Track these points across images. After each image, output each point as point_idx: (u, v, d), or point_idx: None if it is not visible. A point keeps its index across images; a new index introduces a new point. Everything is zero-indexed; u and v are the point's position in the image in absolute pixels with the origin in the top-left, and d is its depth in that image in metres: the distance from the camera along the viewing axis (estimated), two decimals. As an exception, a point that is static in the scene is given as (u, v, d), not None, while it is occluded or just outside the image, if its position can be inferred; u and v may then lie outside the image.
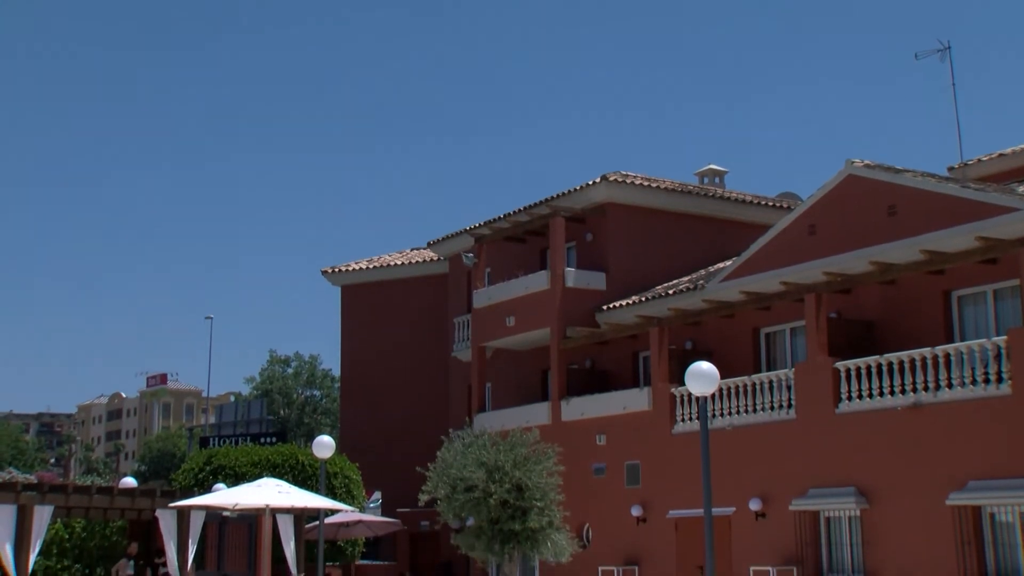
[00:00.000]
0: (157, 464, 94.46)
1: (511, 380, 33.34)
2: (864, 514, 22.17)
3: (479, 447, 19.78)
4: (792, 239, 24.61)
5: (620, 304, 29.40)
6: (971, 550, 20.18)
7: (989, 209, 20.95)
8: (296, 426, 76.28)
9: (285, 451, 32.45)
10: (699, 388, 17.38)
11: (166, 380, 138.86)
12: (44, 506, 19.98)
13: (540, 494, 19.31)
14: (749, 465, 24.37)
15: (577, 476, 26.60)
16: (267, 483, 22.60)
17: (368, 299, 39.53)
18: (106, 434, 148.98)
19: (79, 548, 27.80)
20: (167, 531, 22.43)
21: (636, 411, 27.42)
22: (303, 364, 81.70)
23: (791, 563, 23.18)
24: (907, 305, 23.57)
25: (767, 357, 26.88)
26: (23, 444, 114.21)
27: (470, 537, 19.63)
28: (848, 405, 22.65)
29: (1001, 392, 20.09)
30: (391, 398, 38.07)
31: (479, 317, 32.68)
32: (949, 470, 20.63)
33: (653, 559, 26.49)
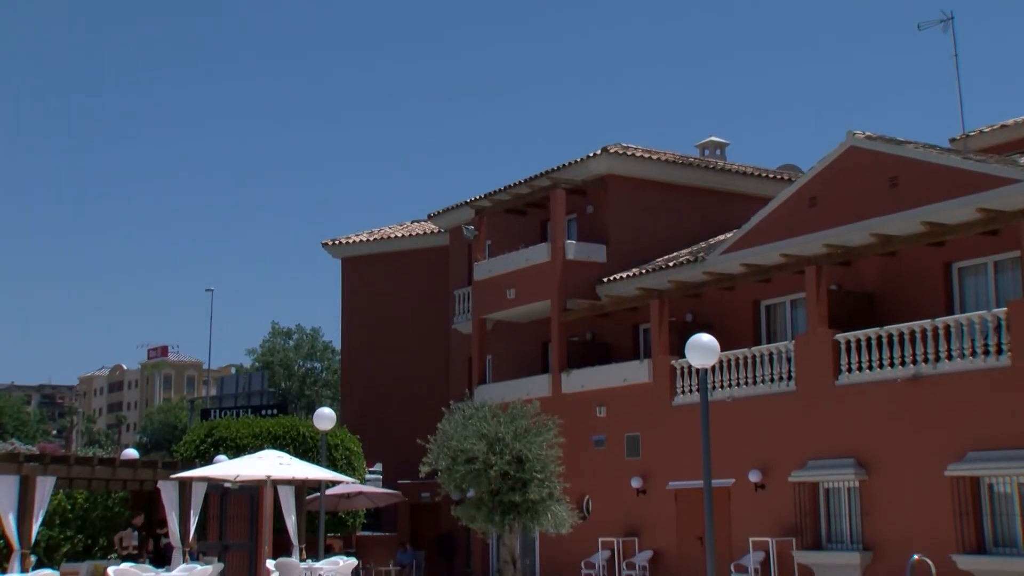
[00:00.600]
0: (158, 436, 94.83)
1: (511, 352, 33.40)
2: (863, 485, 22.26)
3: (479, 419, 19.82)
4: (793, 211, 24.59)
5: (620, 276, 29.41)
6: (969, 520, 20.28)
7: (990, 181, 20.91)
8: (297, 398, 76.50)
9: (286, 423, 32.55)
10: (699, 360, 17.42)
11: (167, 352, 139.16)
12: (46, 477, 20.07)
13: (540, 466, 19.36)
14: (749, 437, 24.45)
15: (577, 448, 26.69)
16: (268, 455, 22.68)
17: (369, 271, 39.54)
18: (107, 406, 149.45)
19: (81, 519, 27.91)
20: (169, 502, 22.53)
21: (636, 383, 27.48)
22: (304, 336, 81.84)
23: (790, 534, 23.30)
24: (907, 277, 23.57)
25: (767, 329, 26.92)
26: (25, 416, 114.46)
27: (470, 508, 19.70)
28: (848, 377, 22.70)
29: (1001, 364, 20.13)
30: (392, 370, 38.15)
31: (480, 289, 32.70)
32: (948, 441, 20.70)
33: (653, 530, 26.63)
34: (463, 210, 34.61)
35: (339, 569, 22.46)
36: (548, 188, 30.66)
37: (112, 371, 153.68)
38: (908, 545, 19.75)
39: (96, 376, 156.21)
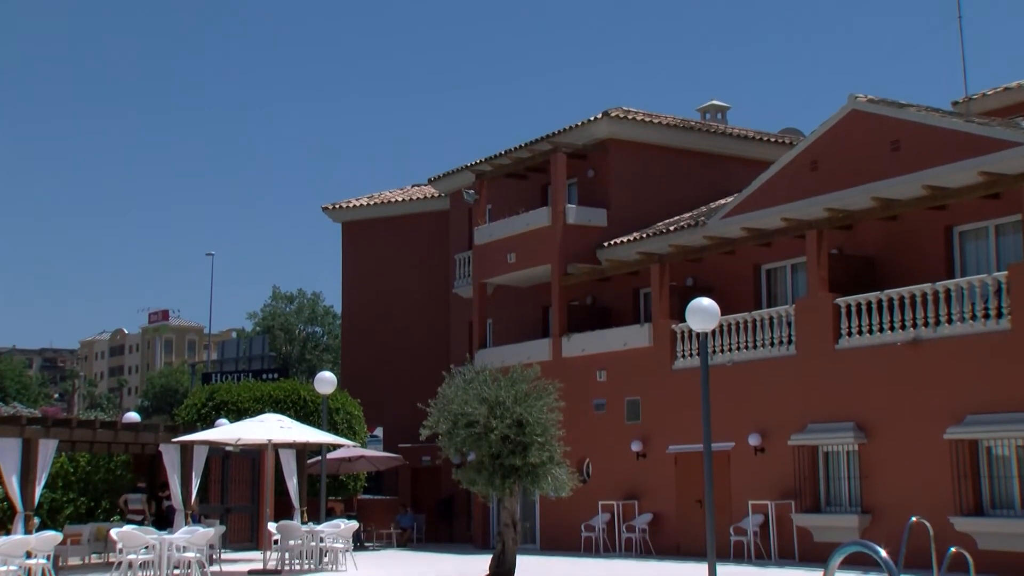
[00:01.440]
0: (160, 400, 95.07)
1: (512, 317, 33.42)
2: (862, 448, 22.34)
3: (480, 383, 19.80)
4: (794, 175, 24.52)
5: (621, 241, 29.38)
6: (967, 483, 20.37)
7: (992, 144, 20.84)
8: (298, 362, 76.65)
9: (287, 387, 32.64)
10: (700, 324, 17.42)
11: (168, 316, 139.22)
12: (49, 440, 20.15)
13: (541, 429, 19.37)
14: (749, 401, 24.51)
15: (578, 412, 26.77)
16: (269, 418, 22.75)
17: (369, 236, 39.49)
18: (108, 370, 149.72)
19: (84, 481, 28.09)
20: (171, 465, 22.63)
21: (636, 347, 27.52)
22: (305, 301, 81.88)
23: (789, 497, 23.41)
24: (908, 241, 23.54)
25: (768, 293, 26.92)
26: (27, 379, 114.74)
27: (471, 472, 19.72)
28: (848, 341, 22.72)
29: (1001, 327, 20.14)
30: (392, 334, 38.18)
31: (480, 254, 32.67)
32: (947, 405, 20.75)
33: (653, 493, 26.75)
34: (464, 174, 34.51)
35: (340, 531, 22.59)
36: (549, 152, 30.56)
37: (113, 335, 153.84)
38: (906, 508, 19.84)
39: (97, 340, 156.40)
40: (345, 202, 40.06)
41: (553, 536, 29.06)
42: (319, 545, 22.35)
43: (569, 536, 28.11)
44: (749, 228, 25.66)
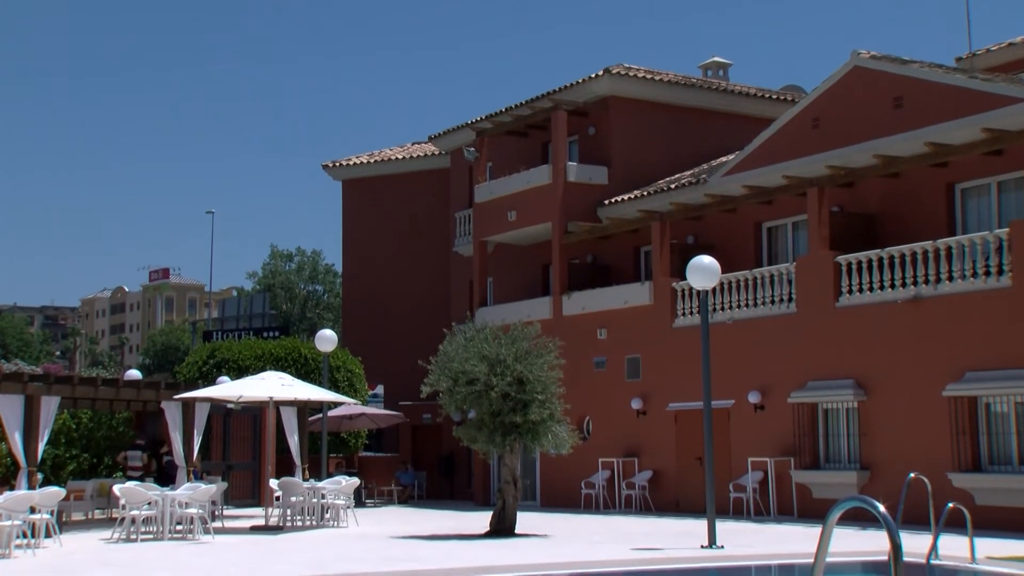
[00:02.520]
0: (161, 358, 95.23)
1: (513, 275, 33.41)
2: (861, 406, 22.40)
3: (481, 341, 19.83)
4: (795, 133, 24.41)
5: (622, 198, 29.30)
6: (965, 439, 20.45)
7: (996, 100, 20.72)
8: (299, 321, 76.69)
9: (288, 345, 32.69)
10: (700, 282, 17.44)
11: (168, 275, 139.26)
12: (51, 397, 20.21)
13: (541, 387, 19.43)
14: (749, 358, 24.55)
15: (578, 370, 26.82)
16: (270, 376, 22.80)
17: (369, 194, 39.38)
18: (110, 328, 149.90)
19: (86, 438, 28.22)
20: (172, 422, 22.71)
21: (637, 305, 27.53)
22: (305, 259, 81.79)
23: (788, 454, 23.51)
24: (910, 198, 23.48)
25: (768, 251, 26.88)
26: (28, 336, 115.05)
27: (472, 429, 19.81)
28: (848, 299, 22.72)
29: (1001, 284, 20.12)
30: (393, 293, 38.19)
31: (480, 212, 32.60)
32: (947, 362, 20.79)
33: (652, 451, 26.87)
34: (464, 132, 34.36)
35: (342, 488, 22.71)
36: (550, 109, 30.41)
37: (114, 293, 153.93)
38: (905, 464, 19.92)
39: (98, 298, 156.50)
40: (345, 160, 39.92)
41: (553, 493, 29.22)
42: (320, 502, 22.47)
43: (569, 493, 28.26)
44: (750, 186, 25.59)
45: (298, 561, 15.11)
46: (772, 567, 14.45)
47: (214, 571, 13.84)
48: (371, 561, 15.09)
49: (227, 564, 14.68)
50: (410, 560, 15.24)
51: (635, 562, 15.07)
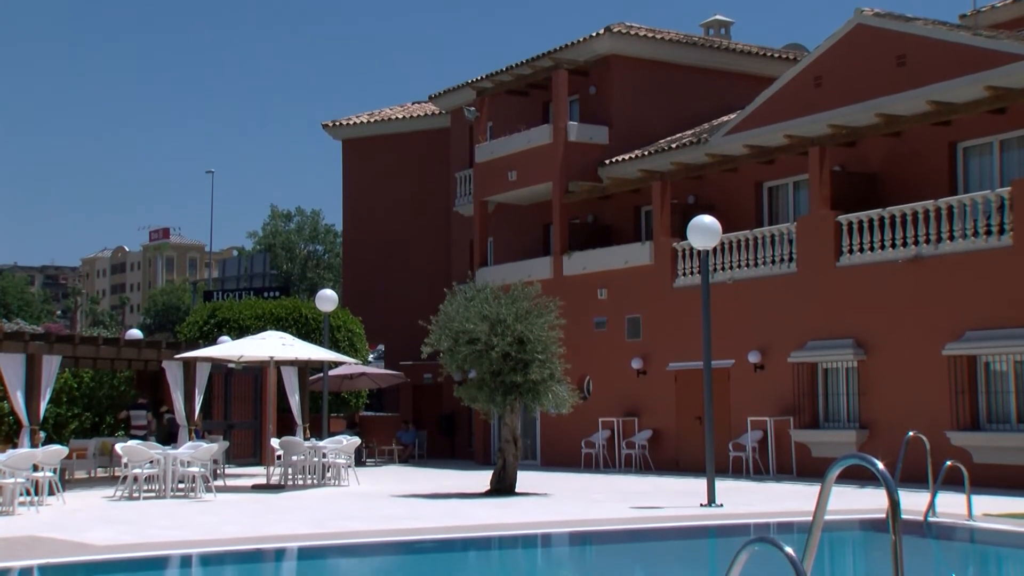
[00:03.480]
0: (162, 317, 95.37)
1: (513, 235, 33.37)
2: (861, 365, 22.45)
3: (481, 301, 19.84)
4: (797, 91, 24.28)
5: (623, 158, 29.20)
6: (965, 398, 20.51)
7: (999, 57, 20.60)
8: (299, 281, 76.73)
9: (288, 305, 32.70)
10: (701, 242, 17.42)
11: (168, 234, 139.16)
12: (52, 356, 20.26)
13: (542, 347, 19.46)
14: (749, 318, 24.57)
15: (578, 330, 26.85)
16: (271, 336, 22.83)
17: (370, 153, 39.25)
18: (110, 287, 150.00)
19: (88, 397, 28.31)
20: (173, 381, 22.77)
21: (637, 265, 27.51)
22: (305, 219, 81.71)
23: (788, 413, 23.59)
24: (912, 157, 23.40)
25: (769, 211, 26.83)
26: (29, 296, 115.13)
27: (472, 389, 19.86)
28: (849, 259, 22.70)
29: (1002, 244, 20.10)
30: (393, 252, 38.16)
31: (481, 171, 32.51)
32: (947, 321, 20.81)
33: (652, 410, 26.96)
34: (464, 91, 34.18)
35: (343, 447, 22.81)
36: (550, 69, 30.23)
37: (114, 253, 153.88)
38: (904, 423, 19.99)
39: (98, 258, 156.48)
40: (345, 119, 39.76)
41: (553, 452, 29.35)
42: (321, 461, 22.58)
43: (569, 452, 28.39)
44: (751, 145, 25.50)
45: (299, 519, 15.20)
46: (771, 525, 14.55)
47: (216, 528, 13.94)
48: (372, 519, 15.19)
49: (229, 522, 14.78)
50: (411, 518, 15.34)
51: (635, 520, 15.16)
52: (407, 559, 12.72)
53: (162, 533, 13.50)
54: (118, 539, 12.87)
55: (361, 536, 13.39)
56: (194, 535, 13.33)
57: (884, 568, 9.44)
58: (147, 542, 12.70)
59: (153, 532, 13.62)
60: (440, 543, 13.25)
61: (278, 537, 13.26)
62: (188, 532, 13.63)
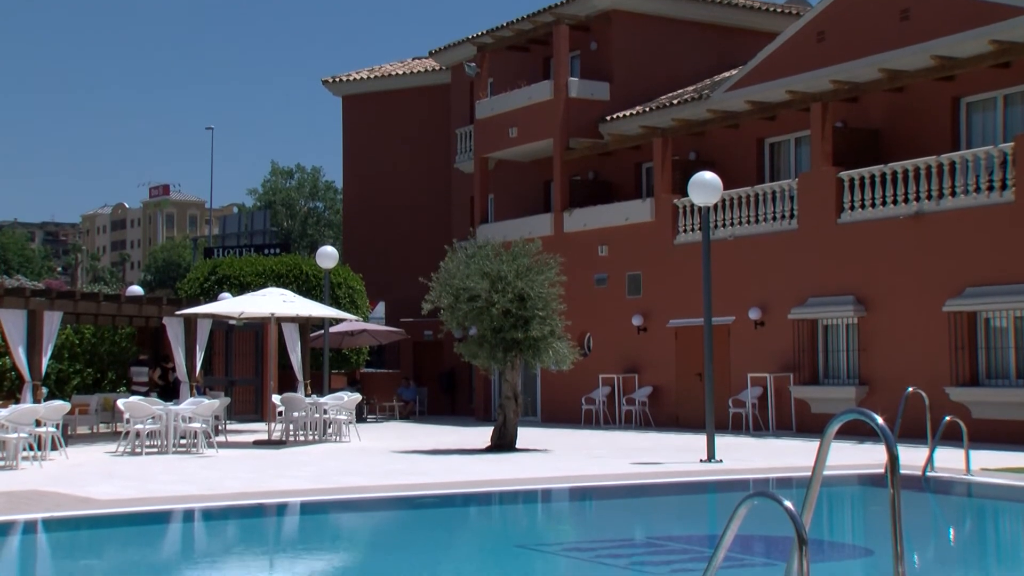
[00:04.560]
0: (162, 274, 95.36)
1: (513, 191, 33.30)
2: (861, 322, 22.48)
3: (482, 258, 19.82)
4: (800, 47, 24.13)
5: (624, 114, 29.07)
6: (964, 354, 20.57)
7: (1004, 11, 20.45)
8: (299, 238, 76.65)
9: (289, 261, 32.69)
10: (702, 198, 17.37)
11: (168, 191, 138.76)
12: (53, 312, 20.29)
13: (542, 304, 19.47)
14: (749, 275, 24.57)
15: (579, 286, 26.86)
16: (272, 292, 22.83)
17: (370, 109, 39.07)
18: (111, 244, 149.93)
19: (90, 353, 28.38)
20: (175, 338, 22.80)
21: (638, 222, 27.48)
22: (305, 176, 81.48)
23: (788, 370, 23.66)
24: (915, 113, 23.29)
25: (771, 168, 26.76)
26: (29, 252, 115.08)
27: (473, 346, 19.89)
28: (850, 215, 22.67)
29: (1004, 200, 20.05)
30: (394, 209, 38.09)
31: (481, 128, 32.38)
32: (948, 278, 20.82)
33: (653, 367, 27.03)
34: (465, 47, 33.97)
35: (344, 404, 22.88)
36: (551, 24, 30.02)
37: (114, 209, 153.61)
38: (903, 379, 20.06)
39: (98, 214, 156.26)
40: (345, 75, 39.54)
41: (554, 409, 29.47)
42: (322, 417, 22.66)
43: (569, 409, 28.50)
44: (753, 101, 25.38)
45: (301, 474, 15.29)
46: (770, 480, 14.64)
47: (219, 483, 14.02)
48: (373, 475, 15.27)
49: (231, 477, 14.86)
50: (412, 474, 15.42)
51: (635, 476, 15.25)
52: (408, 514, 12.80)
53: (164, 488, 13.59)
54: (121, 494, 12.95)
55: (362, 491, 13.48)
56: (196, 490, 13.41)
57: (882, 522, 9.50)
58: (150, 497, 12.79)
59: (155, 487, 13.70)
60: (441, 498, 13.33)
61: (280, 492, 13.34)
62: (190, 487, 13.72)
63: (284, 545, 11.03)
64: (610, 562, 9.27)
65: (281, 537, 11.72)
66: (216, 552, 10.57)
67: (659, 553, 9.86)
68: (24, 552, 10.62)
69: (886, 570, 5.59)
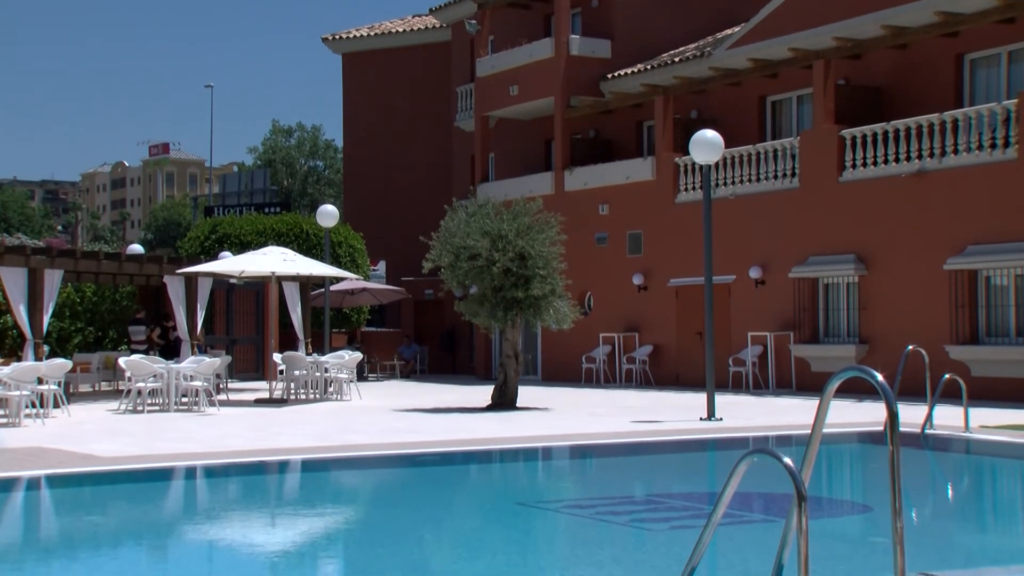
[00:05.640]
0: (163, 233, 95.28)
1: (514, 150, 33.19)
2: (862, 280, 22.49)
3: (482, 216, 19.78)
4: (802, 4, 23.96)
5: (625, 72, 28.92)
6: (964, 312, 20.59)
7: (1008, -30, 20.28)
8: (300, 196, 76.49)
9: (289, 220, 32.65)
10: (703, 157, 17.31)
11: (168, 150, 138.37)
12: (54, 270, 20.29)
13: (543, 262, 19.45)
14: (750, 234, 24.54)
15: (580, 245, 26.85)
16: (272, 251, 22.81)
17: (370, 68, 38.86)
18: (110, 202, 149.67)
19: (91, 312, 28.42)
20: (175, 297, 22.82)
21: (639, 181, 27.40)
22: (306, 134, 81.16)
23: (788, 328, 23.69)
24: (918, 70, 23.16)
25: (773, 126, 26.65)
26: (29, 210, 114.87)
27: (473, 304, 19.90)
28: (852, 173, 22.60)
29: (1007, 157, 19.99)
30: (394, 168, 37.99)
31: (482, 86, 32.21)
32: (949, 236, 20.80)
33: (653, 326, 27.07)
34: (466, 4, 33.73)
35: (345, 363, 22.94)
36: (552, -20, 29.79)
37: (114, 168, 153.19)
38: (903, 338, 20.08)
39: (98, 173, 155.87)
40: (345, 33, 39.29)
41: (554, 368, 29.54)
42: (323, 376, 22.72)
43: (570, 368, 28.57)
44: (755, 59, 25.24)
45: (302, 433, 15.36)
46: (770, 438, 14.70)
47: (220, 441, 14.08)
48: (374, 433, 15.33)
49: (232, 435, 14.92)
50: (413, 432, 15.49)
51: (635, 434, 15.31)
52: (409, 472, 12.87)
53: (167, 445, 13.64)
54: (123, 451, 13.01)
55: (363, 449, 13.54)
56: (198, 448, 13.47)
57: (881, 479, 9.55)
58: (152, 454, 12.85)
59: (158, 444, 13.76)
60: (442, 456, 13.39)
61: (281, 450, 13.41)
62: (192, 445, 13.77)
63: (286, 503, 11.09)
64: (610, 519, 9.33)
65: (283, 495, 11.78)
66: (218, 509, 10.63)
67: (659, 510, 9.92)
68: (28, 508, 10.69)
69: (884, 526, 5.62)
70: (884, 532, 6.09)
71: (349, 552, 8.50)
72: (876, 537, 8.14)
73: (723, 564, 7.36)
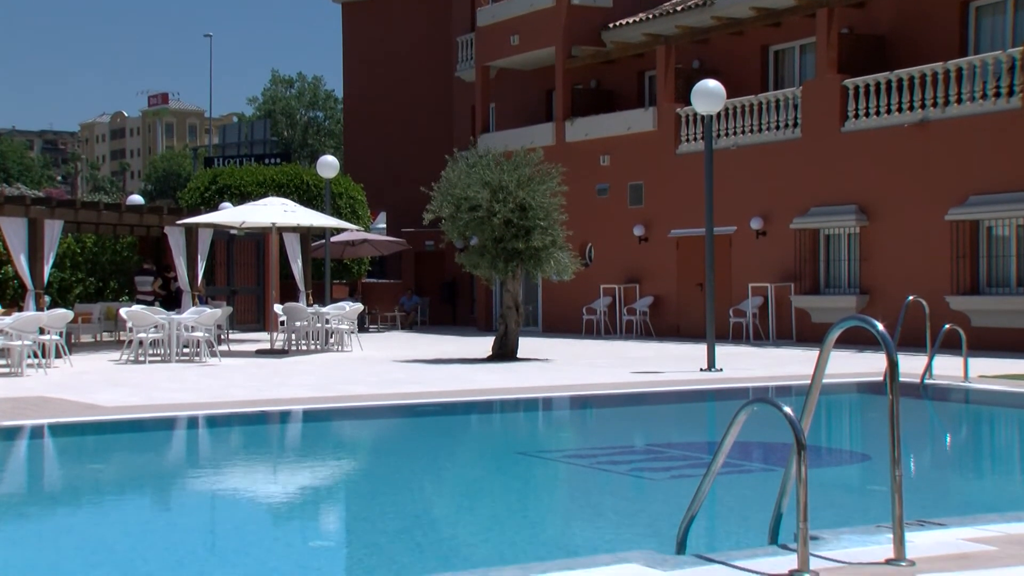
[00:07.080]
0: (163, 184, 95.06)
1: (515, 101, 33.01)
2: (863, 231, 22.46)
3: (483, 167, 19.70)
4: (807, -49, 23.70)
5: (626, 22, 28.69)
6: (965, 263, 20.59)
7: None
8: (300, 147, 76.22)
9: (290, 171, 32.56)
10: (705, 107, 17.21)
11: (167, 100, 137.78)
12: (54, 220, 20.27)
13: (543, 214, 19.40)
14: (752, 185, 24.48)
15: (581, 196, 26.77)
16: (273, 202, 22.77)
17: (370, 17, 38.56)
18: (110, 153, 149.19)
19: (92, 262, 28.44)
20: (176, 247, 22.81)
21: (640, 131, 27.29)
22: (306, 85, 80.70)
23: (789, 279, 23.70)
24: (923, 18, 22.97)
25: (775, 76, 26.48)
26: (29, 161, 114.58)
27: (474, 256, 19.88)
28: (854, 123, 22.50)
29: (1010, 106, 19.88)
30: (394, 119, 37.82)
31: (483, 36, 31.97)
32: (951, 186, 20.74)
33: (654, 277, 27.07)
34: (465, -49, 33.39)
35: (345, 314, 22.96)
36: (553, -73, 29.45)
37: (113, 118, 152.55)
38: (904, 288, 20.10)
39: (97, 123, 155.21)
40: (343, -19, 38.93)
41: (555, 319, 29.59)
42: (325, 327, 22.76)
43: (570, 319, 28.61)
44: (758, 8, 25.03)
45: (303, 383, 15.41)
46: (770, 388, 14.75)
47: (222, 392, 14.13)
48: (375, 383, 15.39)
49: (234, 385, 14.98)
50: (414, 382, 15.54)
51: (635, 384, 15.36)
52: (410, 422, 12.93)
53: (168, 396, 13.70)
54: (125, 400, 13.07)
55: (364, 400, 13.59)
56: (200, 398, 13.52)
57: (880, 428, 9.59)
58: (154, 404, 12.90)
59: (159, 395, 13.82)
60: (442, 406, 13.45)
61: (283, 400, 13.46)
62: (194, 395, 13.83)
63: (287, 452, 11.16)
64: (610, 468, 9.38)
65: (284, 444, 11.85)
66: (220, 458, 10.69)
67: (659, 460, 9.97)
68: (31, 457, 10.76)
69: (883, 475, 5.65)
70: (883, 480, 6.13)
71: (350, 500, 8.56)
72: (875, 485, 8.19)
73: (723, 512, 7.41)
